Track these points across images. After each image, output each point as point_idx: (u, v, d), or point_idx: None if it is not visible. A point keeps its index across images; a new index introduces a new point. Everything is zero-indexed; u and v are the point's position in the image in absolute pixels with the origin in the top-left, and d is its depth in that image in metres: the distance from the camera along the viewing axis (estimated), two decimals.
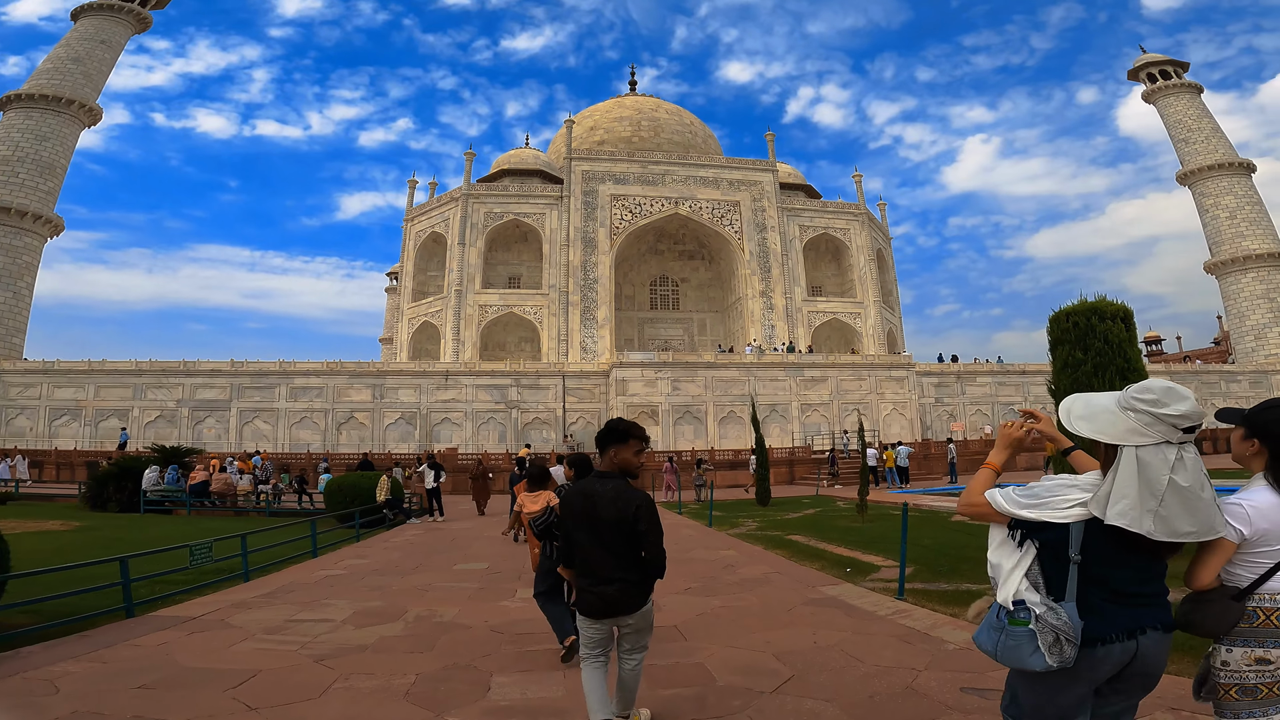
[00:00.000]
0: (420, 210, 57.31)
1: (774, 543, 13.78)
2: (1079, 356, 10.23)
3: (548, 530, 5.94)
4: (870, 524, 16.19)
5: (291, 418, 40.48)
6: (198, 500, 22.22)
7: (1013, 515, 2.33)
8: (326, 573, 11.09)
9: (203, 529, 17.77)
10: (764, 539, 14.41)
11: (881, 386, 42.48)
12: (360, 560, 12.46)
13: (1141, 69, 62.34)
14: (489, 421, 42.52)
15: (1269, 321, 53.58)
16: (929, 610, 7.72)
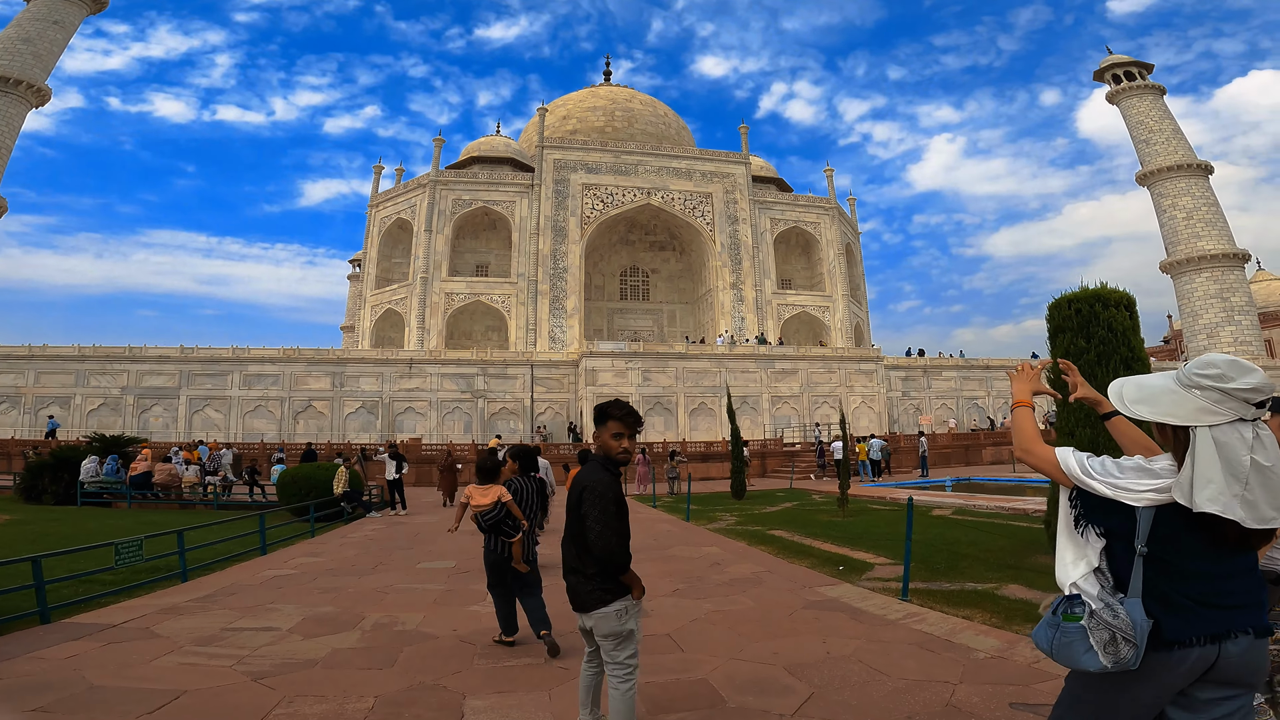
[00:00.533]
0: (386, 196, 55.47)
1: (757, 538, 13.10)
2: (1081, 345, 9.70)
3: (498, 526, 5.67)
4: (852, 519, 15.66)
5: (245, 406, 38.67)
6: (139, 492, 20.81)
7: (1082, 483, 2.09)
8: (274, 572, 10.05)
9: (142, 523, 16.50)
10: (746, 534, 13.72)
11: (851, 379, 42.27)
12: (313, 558, 11.42)
13: (1107, 69, 63.18)
14: (454, 411, 41.24)
15: (1221, 320, 54.80)
16: (941, 614, 7.07)
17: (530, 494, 6.19)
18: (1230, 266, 55.73)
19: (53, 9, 50.70)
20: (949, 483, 24.18)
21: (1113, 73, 62.71)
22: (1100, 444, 9.41)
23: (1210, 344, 54.51)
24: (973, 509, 16.26)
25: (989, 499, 18.03)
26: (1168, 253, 58.49)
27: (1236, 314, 54.46)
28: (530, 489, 6.23)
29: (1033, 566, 9.45)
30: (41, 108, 50.87)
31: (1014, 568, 9.43)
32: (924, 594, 8.01)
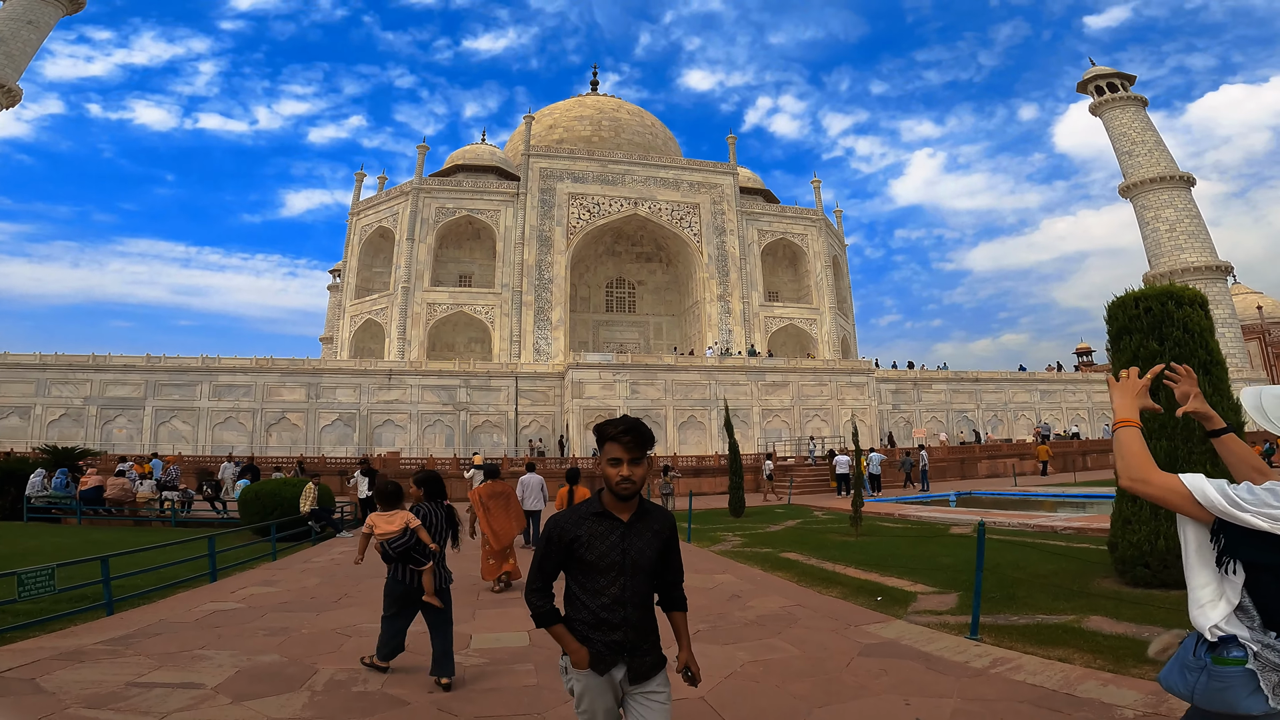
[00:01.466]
0: (367, 204, 53.78)
1: (771, 563, 11.69)
2: (1154, 347, 8.48)
3: (407, 554, 5.30)
4: (868, 539, 14.29)
5: (215, 418, 36.64)
6: (91, 508, 19.00)
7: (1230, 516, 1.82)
8: (216, 606, 8.44)
9: (88, 541, 14.85)
10: (758, 558, 12.29)
11: (842, 392, 41.14)
12: (267, 588, 9.79)
13: (1090, 81, 63.25)
14: (436, 424, 39.49)
15: None
16: (1036, 657, 5.71)
17: (439, 520, 5.73)
18: (1213, 278, 55.53)
19: (28, 9, 48.89)
20: (952, 497, 22.94)
21: (1095, 84, 62.79)
22: (1179, 458, 8.17)
23: None
24: (995, 526, 14.96)
25: (1005, 515, 16.76)
26: (1151, 265, 58.29)
27: (1220, 326, 53.97)
28: (439, 515, 5.77)
29: (1100, 592, 8.16)
30: (12, 108, 48.79)
31: (1081, 595, 8.12)
32: (996, 631, 6.66)
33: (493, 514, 9.64)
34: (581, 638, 2.70)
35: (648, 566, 2.73)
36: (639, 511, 2.77)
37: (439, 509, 5.81)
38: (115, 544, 14.24)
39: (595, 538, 2.69)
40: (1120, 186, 60.63)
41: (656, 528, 2.79)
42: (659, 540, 2.79)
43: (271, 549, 12.92)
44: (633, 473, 2.68)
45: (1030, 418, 46.67)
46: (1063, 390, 48.07)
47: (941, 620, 7.32)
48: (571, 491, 11.29)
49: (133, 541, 14.82)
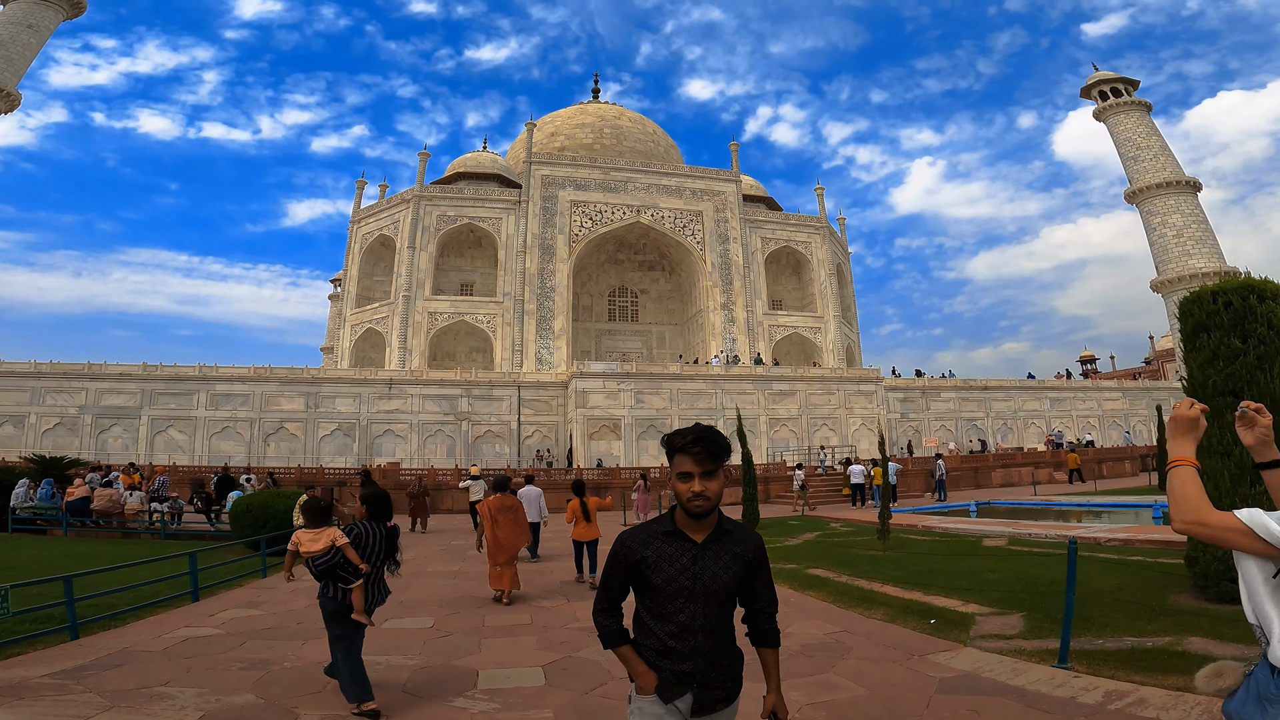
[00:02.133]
0: (368, 211, 53.04)
1: (800, 581, 10.75)
2: (1236, 345, 7.63)
3: (332, 571, 5.15)
4: (895, 552, 13.34)
5: (212, 427, 35.69)
6: (78, 519, 18.15)
7: None
8: (191, 631, 7.50)
9: (69, 554, 14.04)
10: (783, 575, 11.33)
11: (850, 401, 40.21)
12: (250, 610, 8.85)
13: (1093, 86, 62.49)
14: (437, 434, 38.53)
15: None
16: (1160, 689, 4.80)
17: (375, 539, 5.39)
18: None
19: (28, 13, 48.26)
20: (973, 507, 22.00)
21: (1099, 89, 62.05)
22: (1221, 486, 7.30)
23: None
24: (1031, 538, 14.01)
25: (1038, 526, 15.78)
26: (1158, 271, 57.31)
27: None
28: (375, 534, 5.42)
29: (1183, 609, 7.34)
30: (11, 113, 48.09)
31: (1163, 613, 7.24)
32: (1086, 657, 5.79)
33: (500, 526, 9.52)
34: (649, 663, 2.44)
35: (722, 593, 2.44)
36: (717, 531, 2.47)
37: (377, 529, 5.46)
38: (98, 557, 13.40)
39: (664, 559, 2.43)
40: (1126, 193, 59.72)
41: (737, 550, 2.47)
42: (739, 564, 2.46)
43: (261, 565, 11.96)
44: (706, 487, 2.39)
45: (1040, 426, 45.67)
46: (1072, 398, 47.13)
47: (1015, 646, 6.40)
48: (583, 504, 10.95)
49: (118, 555, 13.93)
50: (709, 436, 2.41)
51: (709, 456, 2.38)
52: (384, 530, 5.47)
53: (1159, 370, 75.64)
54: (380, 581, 5.47)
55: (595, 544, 11.05)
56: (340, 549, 5.15)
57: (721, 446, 2.42)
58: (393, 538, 5.51)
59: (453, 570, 12.57)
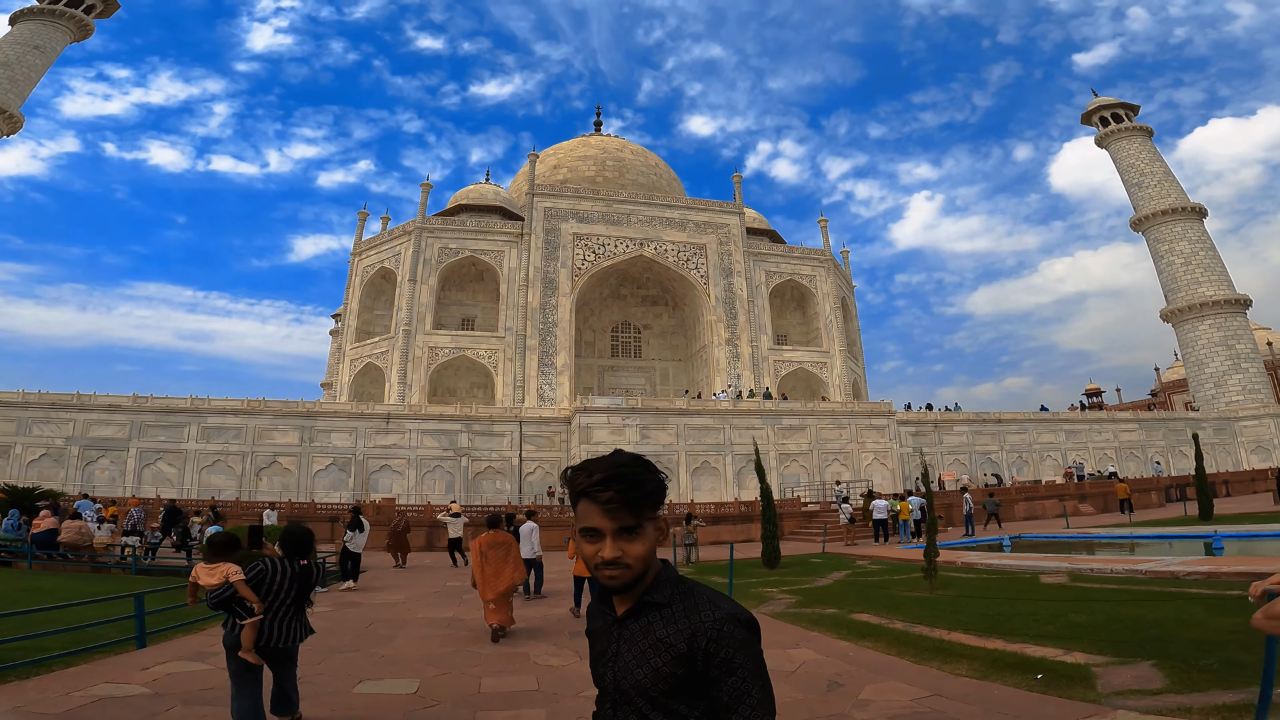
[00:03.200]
0: (369, 244, 52.18)
1: (849, 629, 9.20)
2: None
3: (225, 604, 4.99)
4: (946, 592, 11.78)
5: (202, 460, 34.06)
6: (45, 552, 16.65)
7: None
8: (110, 690, 6.00)
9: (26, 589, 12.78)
10: (826, 622, 9.79)
11: (862, 435, 38.65)
12: (194, 664, 7.33)
13: (1094, 112, 62.12)
14: (435, 470, 36.87)
15: (1228, 369, 51.97)
16: None
17: (281, 577, 5.14)
18: (1233, 312, 53.35)
19: (35, 34, 48.05)
20: (1006, 541, 20.34)
21: (1099, 115, 61.64)
22: None
23: (1218, 393, 51.64)
24: (1095, 574, 12.46)
25: (1099, 560, 14.19)
26: (1167, 300, 56.08)
27: (1243, 361, 51.71)
28: (282, 572, 5.18)
29: None
30: (13, 135, 47.52)
31: None
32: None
33: (490, 562, 9.40)
34: None
35: (638, 699, 1.56)
36: (643, 604, 1.63)
37: (287, 567, 5.22)
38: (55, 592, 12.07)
39: (596, 634, 1.78)
40: (1131, 220, 58.86)
41: (663, 635, 1.57)
42: (666, 656, 1.54)
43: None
44: (624, 552, 1.60)
45: (1056, 459, 43.99)
46: (1088, 430, 45.55)
47: (1176, 705, 4.95)
48: None
49: (79, 591, 12.55)
50: (628, 475, 1.62)
51: (626, 506, 1.59)
52: (295, 568, 5.19)
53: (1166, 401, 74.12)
54: (295, 620, 5.18)
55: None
56: (233, 585, 4.96)
57: (648, 491, 1.63)
58: (306, 576, 5.24)
59: (446, 617, 10.99)
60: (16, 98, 46.03)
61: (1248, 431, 48.70)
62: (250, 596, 4.92)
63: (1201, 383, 53.44)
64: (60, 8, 49.00)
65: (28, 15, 48.55)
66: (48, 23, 48.90)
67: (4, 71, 45.45)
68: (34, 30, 48.01)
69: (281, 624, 5.06)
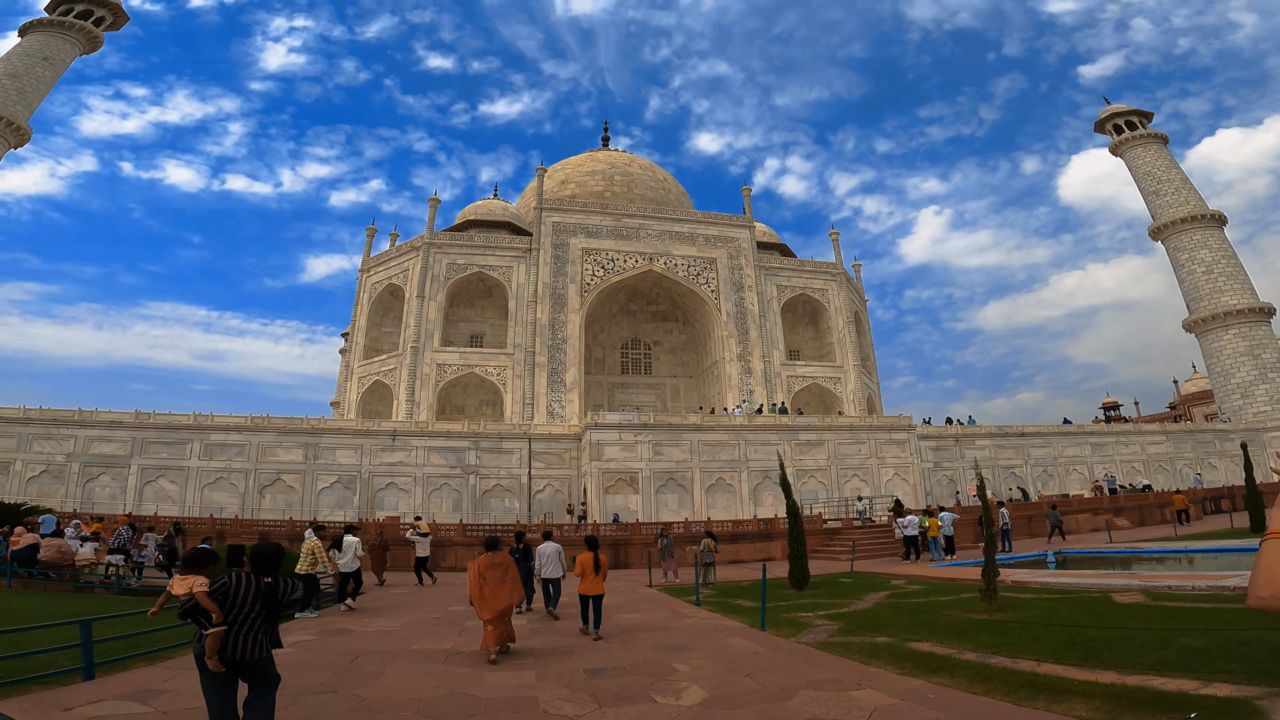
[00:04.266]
0: (378, 260, 51.39)
1: (914, 662, 7.83)
2: None
3: (190, 613, 5.15)
4: (1009, 615, 10.37)
5: (204, 478, 32.90)
6: (25, 570, 15.51)
7: None
8: None
9: None
10: (885, 654, 8.40)
11: (882, 450, 37.12)
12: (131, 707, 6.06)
13: (1107, 120, 60.81)
14: (442, 488, 35.57)
15: (1254, 379, 50.14)
16: None
17: (244, 591, 5.14)
18: (1257, 321, 51.61)
19: (45, 45, 47.79)
20: (1050, 557, 18.82)
21: (1113, 123, 60.34)
22: None
23: (1245, 404, 49.73)
24: (1173, 591, 11.01)
25: (1175, 576, 12.67)
26: (1189, 309, 54.28)
27: (1270, 371, 49.75)
28: (246, 586, 5.16)
29: None
30: (20, 148, 47.07)
31: None
32: None
33: (488, 583, 9.38)
34: None
35: None
36: None
37: (253, 580, 5.26)
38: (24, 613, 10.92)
39: None
40: (1150, 229, 57.26)
41: None
42: None
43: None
44: None
45: (1082, 472, 42.28)
46: (1114, 443, 43.80)
47: None
48: (596, 558, 10.89)
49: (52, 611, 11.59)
50: None
51: None
52: (258, 583, 5.22)
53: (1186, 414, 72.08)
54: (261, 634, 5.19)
55: (601, 599, 10.81)
56: (194, 595, 5.15)
57: None
58: (271, 592, 5.26)
59: (445, 649, 9.69)
60: (25, 109, 45.60)
61: (1276, 442, 46.82)
62: (211, 607, 5.01)
63: (1228, 393, 51.57)
64: (69, 19, 48.90)
65: (37, 27, 48.42)
66: (57, 34, 48.73)
67: (12, 83, 45.03)
68: (43, 42, 47.79)
69: (247, 637, 5.09)
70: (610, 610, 13.69)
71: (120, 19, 52.70)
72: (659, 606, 14.34)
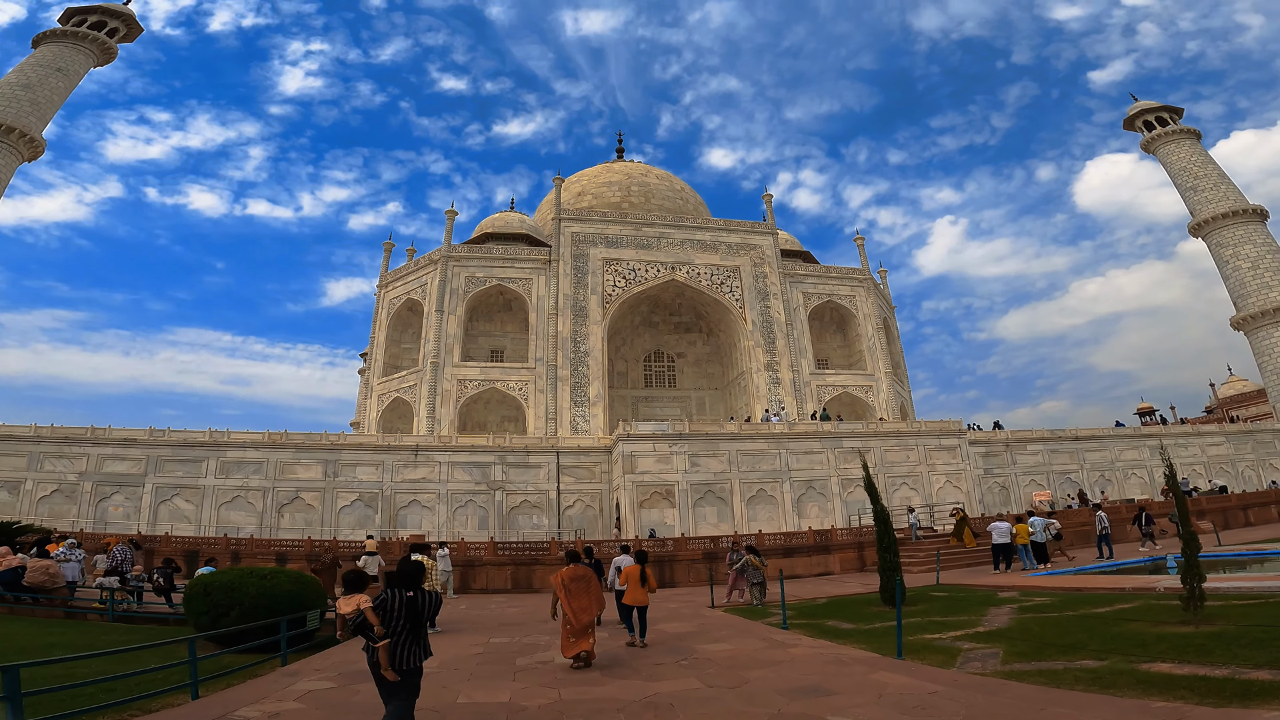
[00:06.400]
0: (396, 275, 49.58)
1: (1188, 689, 5.40)
2: None
3: (359, 628, 5.59)
4: (1216, 626, 7.90)
5: (221, 497, 30.73)
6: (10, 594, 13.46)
7: None
8: None
9: None
10: (1126, 682, 6.00)
11: (931, 456, 34.50)
12: None
13: (1136, 117, 58.48)
14: (468, 504, 33.23)
15: None
16: None
17: (395, 605, 5.53)
18: None
19: (58, 56, 46.59)
20: (1170, 561, 16.21)
21: (1143, 120, 57.97)
22: None
23: None
24: None
25: None
26: (1237, 306, 51.31)
27: None
28: (396, 600, 5.55)
29: None
30: (33, 161, 45.76)
31: None
32: None
33: (573, 595, 9.41)
34: None
35: None
36: None
37: (398, 596, 5.57)
38: None
39: None
40: (1190, 225, 54.57)
41: None
42: None
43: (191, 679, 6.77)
44: None
45: (1142, 476, 39.38)
46: (1173, 445, 40.83)
47: None
48: (643, 571, 11.10)
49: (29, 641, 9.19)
50: None
51: None
52: (411, 597, 5.56)
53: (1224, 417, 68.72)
54: (417, 643, 5.53)
55: (645, 609, 11.10)
56: (362, 612, 5.52)
57: None
58: (413, 604, 5.52)
59: (500, 703, 7.29)
60: (39, 121, 44.28)
61: None
62: (374, 621, 5.39)
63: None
64: (82, 30, 47.93)
65: (50, 38, 47.40)
66: (70, 45, 47.69)
67: (26, 94, 43.73)
68: (56, 53, 46.68)
69: (404, 647, 5.44)
70: (687, 639, 11.40)
71: (134, 30, 51.75)
72: (742, 633, 11.90)
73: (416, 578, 5.72)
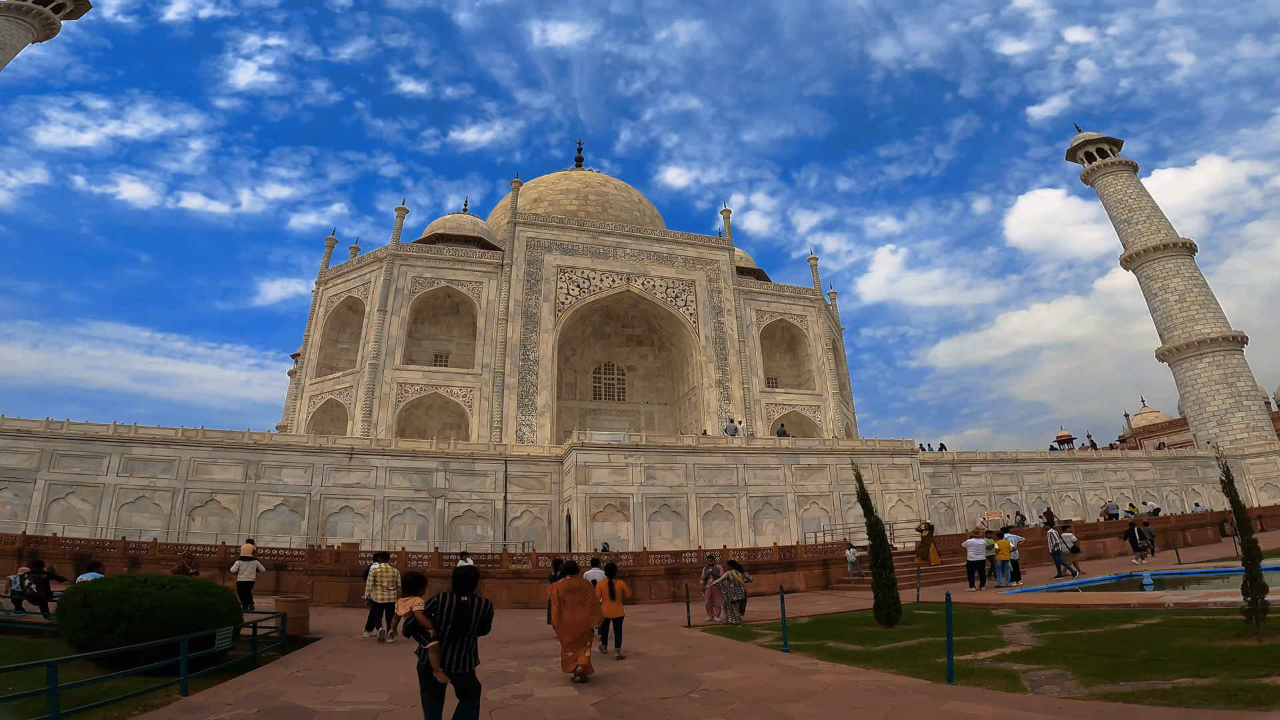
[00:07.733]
0: (337, 272, 46.46)
1: None
2: None
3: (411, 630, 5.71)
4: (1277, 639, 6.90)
5: (123, 496, 27.21)
6: None
7: None
8: None
9: None
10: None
11: (885, 475, 34.04)
12: None
13: (1079, 147, 60.78)
14: (406, 513, 30.65)
15: (1229, 407, 49.33)
16: None
17: (446, 608, 5.64)
18: (1230, 350, 51.05)
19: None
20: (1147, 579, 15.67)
21: (1084, 150, 60.44)
22: None
23: (1221, 431, 48.84)
24: None
25: None
26: (1163, 338, 53.57)
27: (1244, 399, 49.17)
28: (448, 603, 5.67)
29: None
30: None
31: None
32: None
33: (568, 606, 9.40)
34: None
35: None
36: None
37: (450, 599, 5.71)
38: None
39: None
40: (1122, 257, 56.79)
41: None
42: None
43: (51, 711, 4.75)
44: None
45: (1075, 498, 40.15)
46: (1104, 469, 41.95)
47: None
48: (611, 585, 11.21)
49: None
50: None
51: None
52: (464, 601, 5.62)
53: (1138, 445, 72.09)
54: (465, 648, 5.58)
55: (621, 620, 11.24)
56: (413, 614, 5.63)
57: None
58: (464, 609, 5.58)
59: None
60: None
61: (1255, 469, 45.96)
62: (425, 623, 5.53)
63: (1203, 422, 50.74)
64: (28, 4, 43.78)
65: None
66: (11, 19, 43.34)
67: None
68: None
69: (454, 651, 5.51)
70: (681, 665, 9.90)
71: (81, 7, 47.68)
72: (741, 657, 10.34)
73: (470, 583, 5.82)
